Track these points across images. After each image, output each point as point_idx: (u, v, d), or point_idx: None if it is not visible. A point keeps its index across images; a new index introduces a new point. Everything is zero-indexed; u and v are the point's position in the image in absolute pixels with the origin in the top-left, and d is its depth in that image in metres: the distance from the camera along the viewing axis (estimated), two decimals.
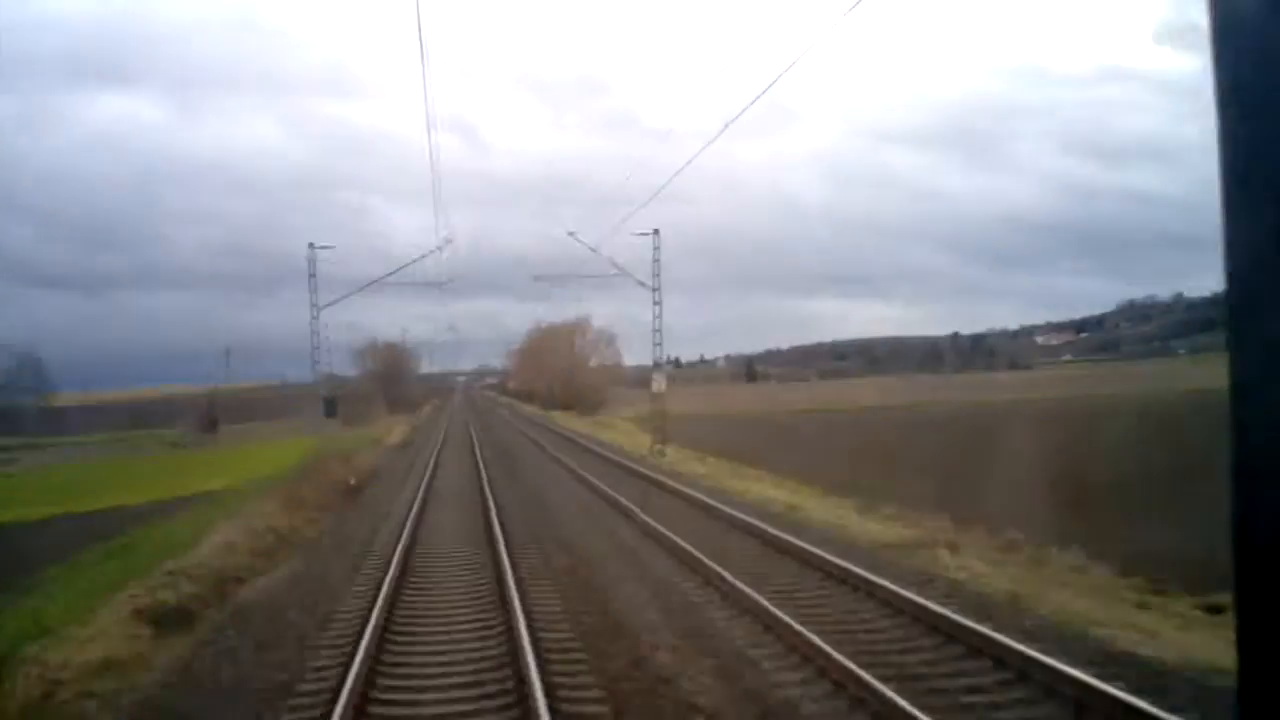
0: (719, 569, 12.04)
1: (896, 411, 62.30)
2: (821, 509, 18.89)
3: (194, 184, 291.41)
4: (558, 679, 8.20)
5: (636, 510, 18.11)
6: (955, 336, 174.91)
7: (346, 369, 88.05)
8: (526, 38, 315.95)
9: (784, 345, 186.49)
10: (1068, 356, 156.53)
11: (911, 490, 19.44)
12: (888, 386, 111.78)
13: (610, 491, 21.35)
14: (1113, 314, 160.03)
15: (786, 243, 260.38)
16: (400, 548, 14.90)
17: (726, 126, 22.27)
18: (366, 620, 10.16)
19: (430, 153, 71.95)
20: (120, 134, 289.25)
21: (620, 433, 46.13)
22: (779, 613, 9.78)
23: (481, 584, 12.82)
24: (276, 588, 13.16)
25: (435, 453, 36.42)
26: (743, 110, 18.97)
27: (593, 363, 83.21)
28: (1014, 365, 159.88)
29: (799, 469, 26.98)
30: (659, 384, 32.52)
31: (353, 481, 24.28)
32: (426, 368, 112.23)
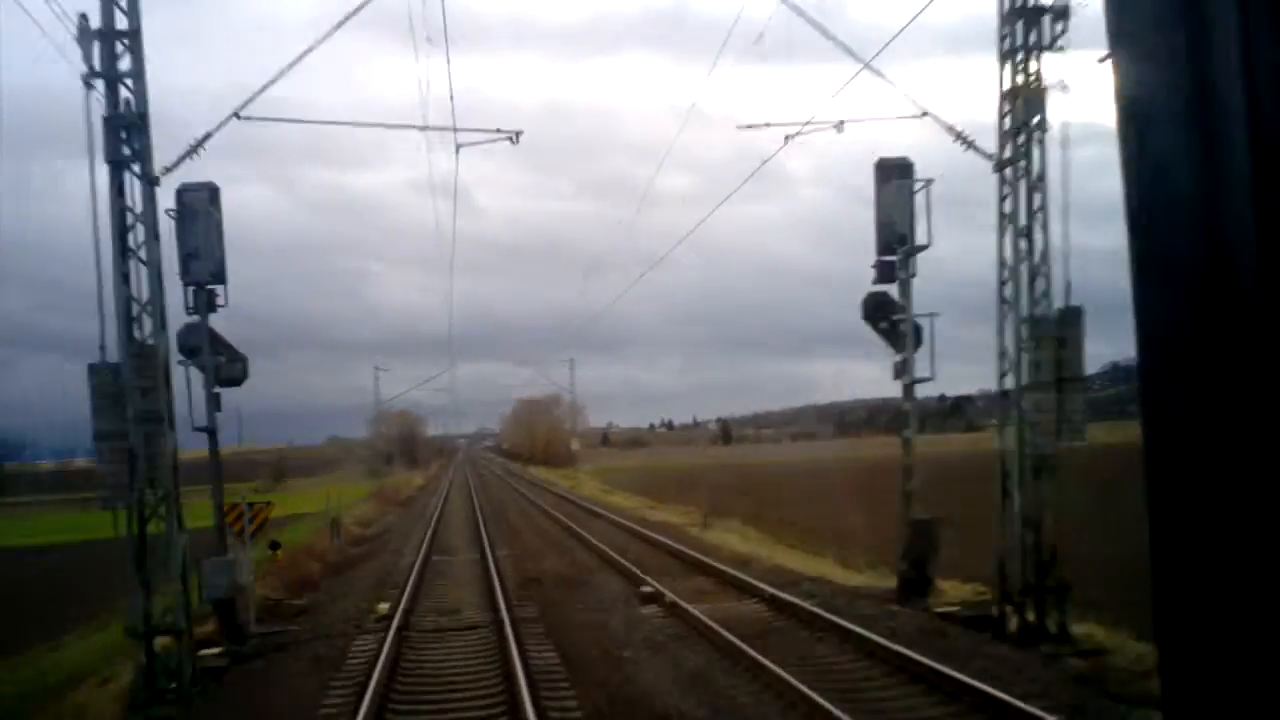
0: (561, 516, 33.68)
1: (777, 466, 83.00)
2: (641, 507, 40.09)
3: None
4: (495, 538, 29.69)
5: (546, 505, 39.90)
6: (941, 398, 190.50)
7: (356, 432, 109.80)
8: (514, 104, 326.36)
9: (783, 406, 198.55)
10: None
11: (708, 502, 40.33)
12: (821, 447, 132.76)
13: (535, 499, 43.20)
14: (1097, 375, 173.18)
15: (779, 305, 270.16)
16: (436, 516, 36.47)
17: (724, 201, 25.11)
18: (428, 529, 31.69)
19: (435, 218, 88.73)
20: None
21: (567, 478, 67.75)
22: (579, 529, 31.45)
23: (470, 525, 34.34)
24: (392, 525, 34.75)
25: (446, 488, 58.23)
26: (739, 186, 21.82)
27: (567, 426, 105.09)
28: (970, 428, 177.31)
29: (653, 493, 48.16)
30: (576, 445, 54.39)
31: (402, 497, 45.99)
32: (432, 430, 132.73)
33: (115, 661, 12.41)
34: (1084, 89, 10.71)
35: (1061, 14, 10.48)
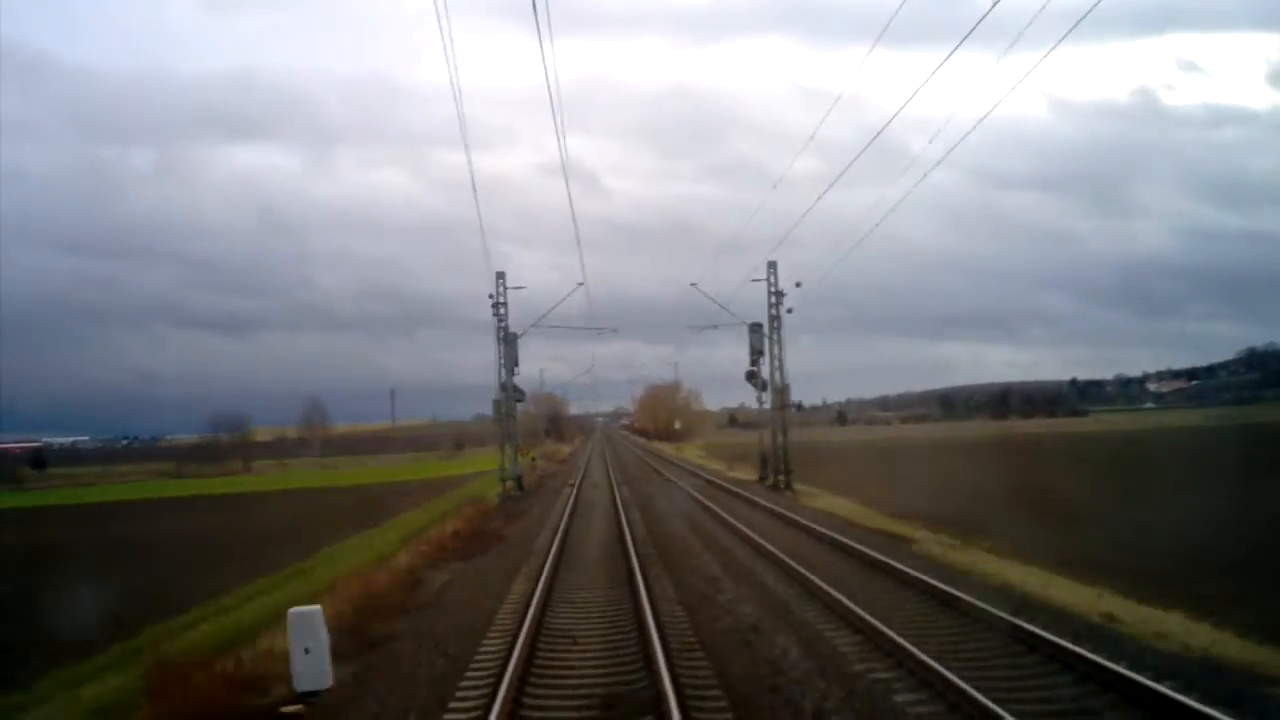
0: (656, 465, 57.57)
1: (853, 444, 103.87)
2: (708, 465, 63.20)
3: (331, 230, 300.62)
4: (615, 471, 53.71)
5: (651, 463, 64.04)
6: (1073, 382, 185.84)
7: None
8: (640, 88, 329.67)
9: (909, 390, 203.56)
10: (1149, 404, 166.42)
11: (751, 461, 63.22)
12: (915, 429, 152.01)
13: (646, 459, 67.44)
14: (1232, 361, 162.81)
15: (911, 287, 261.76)
16: (584, 466, 61.01)
17: (842, 173, 28.14)
18: (580, 473, 55.98)
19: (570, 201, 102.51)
20: (255, 183, 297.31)
21: (676, 449, 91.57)
22: (661, 470, 55.41)
23: (603, 467, 58.56)
24: (557, 472, 59.47)
25: (589, 453, 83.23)
26: (855, 158, 21.01)
27: (689, 408, 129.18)
28: (1074, 412, 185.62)
29: (731, 459, 71.04)
30: (678, 424, 78.03)
31: (566, 452, 71.09)
32: (573, 410, 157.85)
33: (490, 490, 37.14)
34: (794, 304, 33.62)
35: (781, 295, 33.40)
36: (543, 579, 15.18)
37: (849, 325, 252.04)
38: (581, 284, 39.33)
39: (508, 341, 34.50)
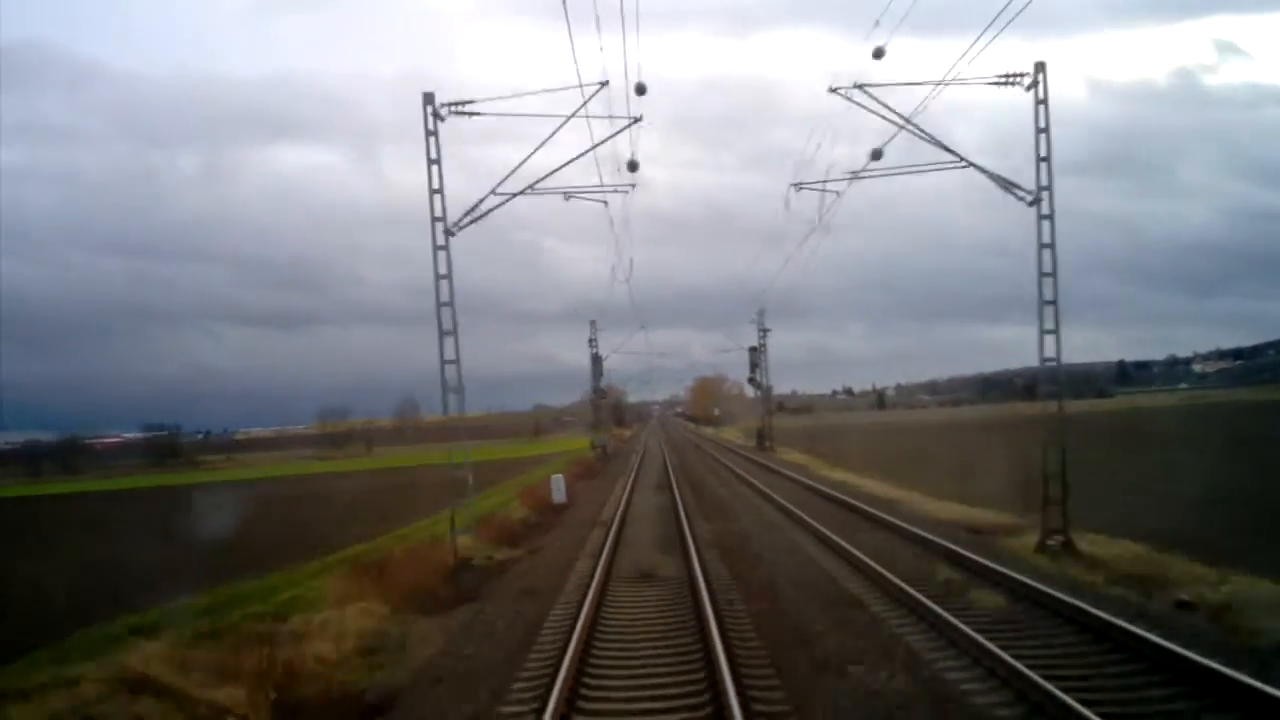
0: (696, 440, 77.29)
1: (881, 425, 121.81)
2: (739, 439, 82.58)
3: (377, 227, 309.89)
4: (667, 447, 73.44)
5: (695, 440, 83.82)
6: (1121, 363, 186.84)
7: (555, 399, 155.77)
8: (676, 80, 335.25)
9: (955, 374, 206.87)
10: (1183, 385, 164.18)
11: (783, 440, 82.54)
12: (950, 412, 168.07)
13: (693, 439, 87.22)
14: (1277, 342, 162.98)
15: (962, 272, 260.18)
16: (645, 441, 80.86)
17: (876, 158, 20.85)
18: (643, 445, 75.84)
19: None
20: (302, 181, 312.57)
21: (721, 431, 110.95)
22: (700, 444, 75.16)
23: (658, 443, 78.34)
24: (622, 449, 79.40)
25: (646, 436, 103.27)
26: (891, 137, 17.17)
27: (732, 391, 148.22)
28: (1101, 394, 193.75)
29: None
30: (716, 411, 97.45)
31: (628, 434, 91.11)
32: (631, 399, 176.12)
33: (585, 456, 57.23)
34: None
35: (767, 330, 52.62)
36: (629, 485, 34.96)
37: (903, 311, 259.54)
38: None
39: (595, 361, 54.28)
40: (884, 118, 16.75)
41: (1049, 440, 16.15)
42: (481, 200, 18.05)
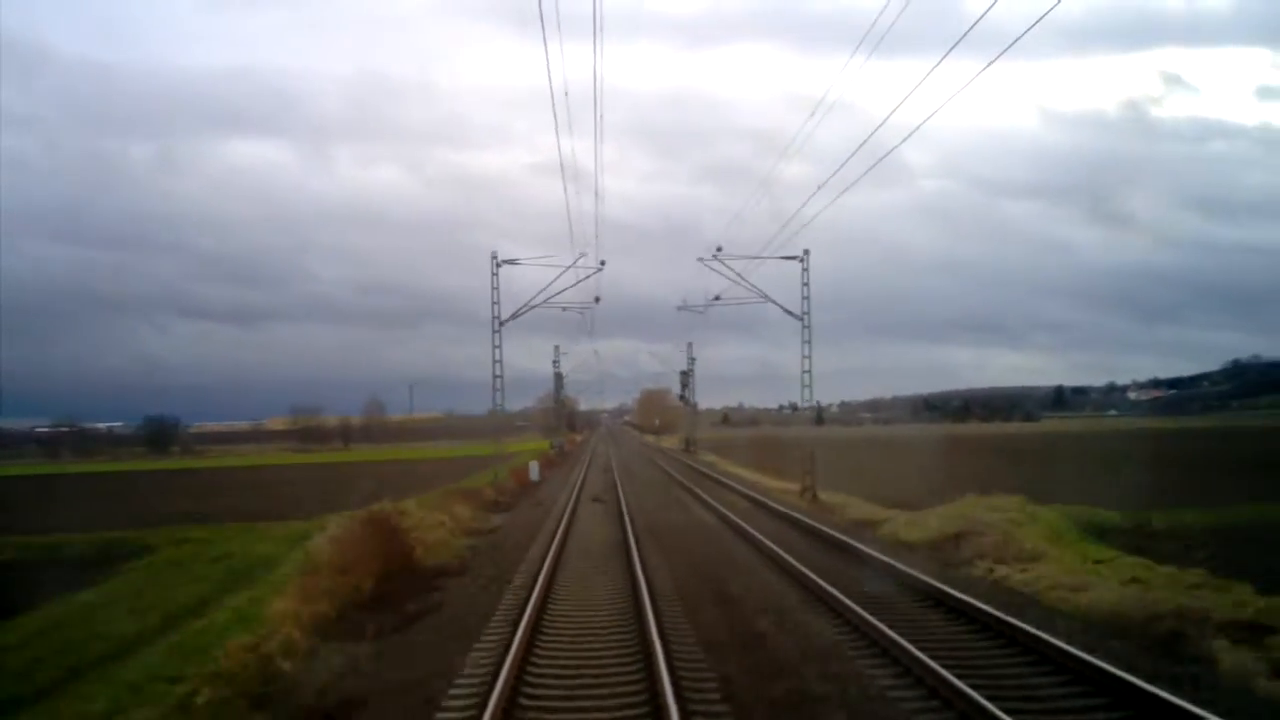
0: (638, 447, 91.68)
1: (808, 440, 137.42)
2: (673, 446, 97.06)
3: (329, 224, 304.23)
4: (613, 448, 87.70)
5: (637, 447, 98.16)
6: (1059, 389, 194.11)
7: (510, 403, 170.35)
8: (634, 91, 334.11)
9: (908, 393, 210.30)
10: (1113, 411, 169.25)
11: (714, 448, 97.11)
12: (876, 430, 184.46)
13: (634, 445, 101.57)
14: (1216, 372, 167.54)
15: (914, 292, 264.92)
16: (592, 447, 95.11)
17: (851, 185, 36.73)
18: (591, 448, 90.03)
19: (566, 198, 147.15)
20: (255, 176, 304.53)
21: (663, 440, 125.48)
22: (642, 448, 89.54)
23: (606, 446, 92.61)
24: (577, 450, 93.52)
25: (595, 441, 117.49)
26: (864, 173, 19.57)
27: (675, 402, 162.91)
28: (1028, 418, 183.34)
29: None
30: (657, 421, 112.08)
31: (579, 439, 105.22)
32: (581, 406, 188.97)
33: (539, 453, 71.34)
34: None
35: (694, 360, 67.23)
36: (584, 472, 49.21)
37: (853, 328, 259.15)
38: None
39: (558, 378, 68.30)
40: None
41: (811, 445, 30.78)
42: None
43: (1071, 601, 12.30)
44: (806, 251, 30.69)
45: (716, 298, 31.98)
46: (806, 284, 30.75)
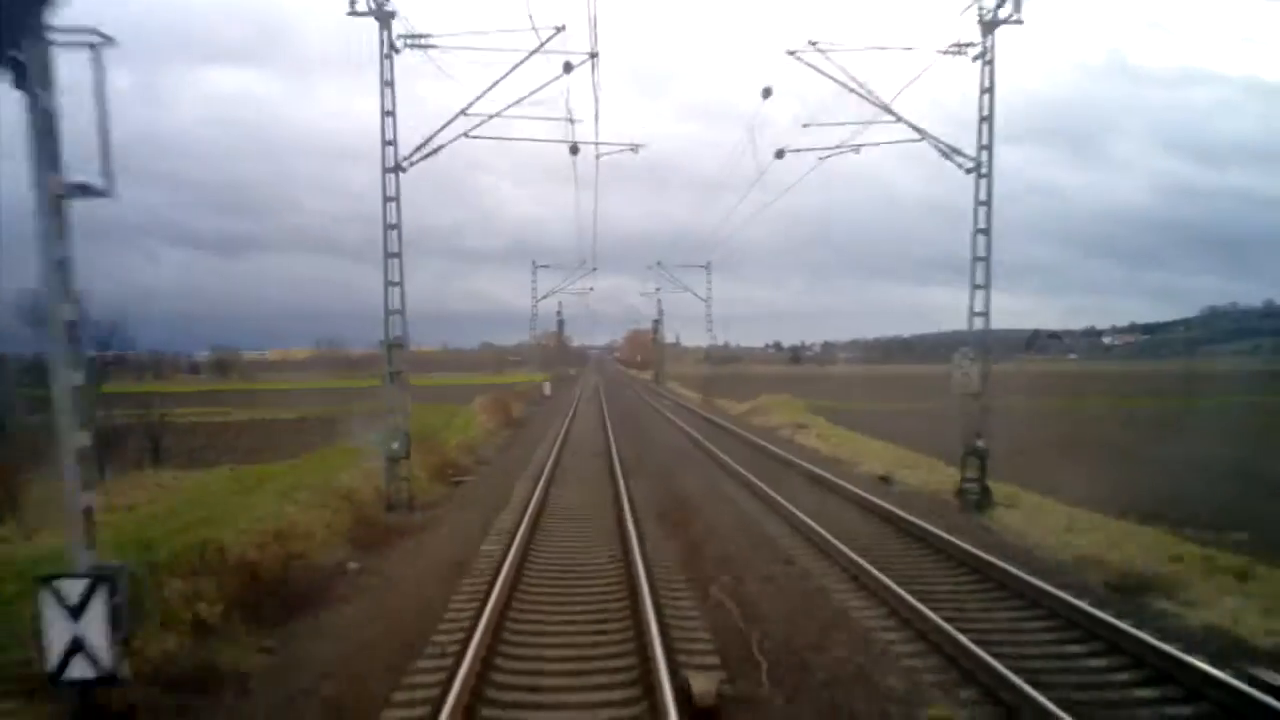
0: (621, 378, 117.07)
1: (778, 376, 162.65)
2: (648, 378, 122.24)
3: (313, 155, 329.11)
4: (601, 378, 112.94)
5: (623, 379, 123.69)
6: (1035, 332, 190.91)
7: (502, 338, 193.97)
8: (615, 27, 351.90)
9: (890, 334, 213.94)
10: (1073, 355, 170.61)
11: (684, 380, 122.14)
12: (847, 369, 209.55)
13: (620, 377, 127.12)
14: (1195, 318, 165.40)
15: (902, 233, 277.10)
16: (585, 379, 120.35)
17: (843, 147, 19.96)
18: (582, 379, 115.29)
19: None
20: (239, 106, 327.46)
21: (639, 372, 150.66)
22: (625, 378, 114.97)
23: (595, 379, 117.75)
24: (574, 379, 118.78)
25: (587, 374, 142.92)
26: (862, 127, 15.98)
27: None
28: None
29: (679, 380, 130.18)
30: (639, 357, 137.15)
31: (572, 373, 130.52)
32: (574, 343, 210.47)
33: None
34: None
35: (658, 320, 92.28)
36: (585, 384, 74.55)
37: (843, 269, 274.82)
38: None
39: (559, 321, 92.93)
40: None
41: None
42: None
43: (754, 423, 37.71)
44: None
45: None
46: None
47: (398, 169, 16.74)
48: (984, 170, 16.44)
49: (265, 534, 11.94)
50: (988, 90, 16.31)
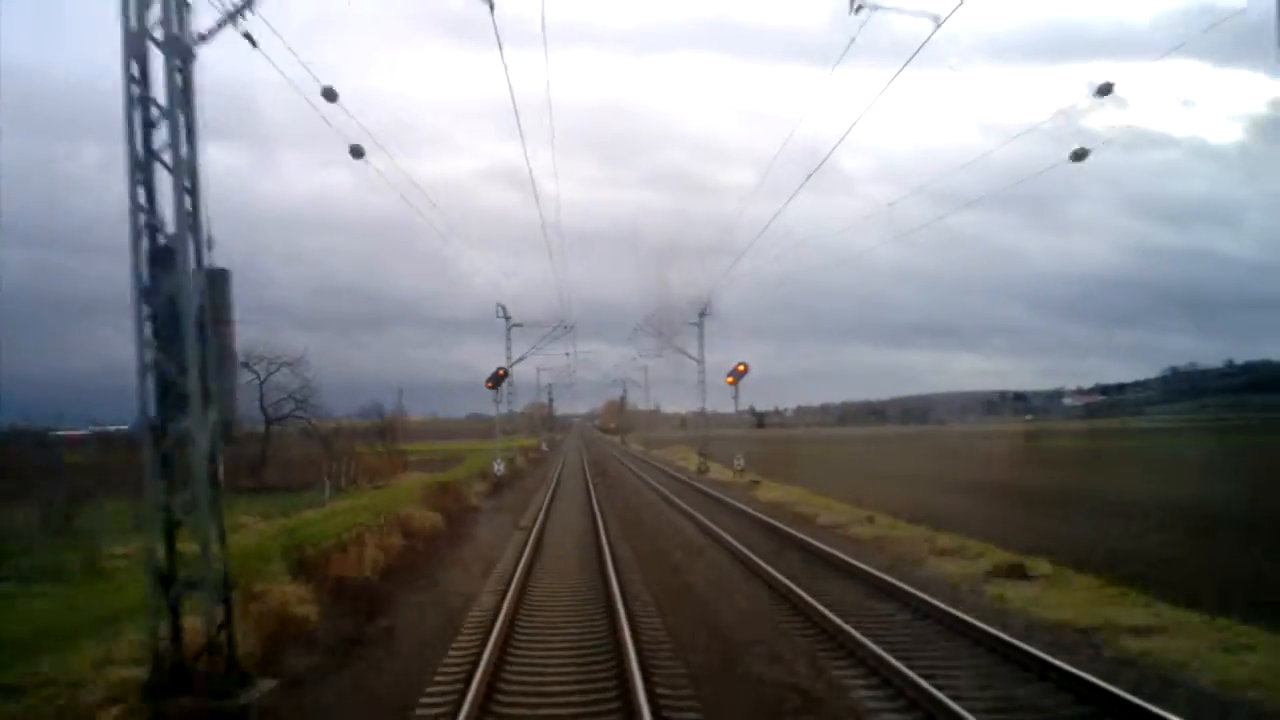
0: (599, 443, 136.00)
1: (737, 439, 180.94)
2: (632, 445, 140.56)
3: (283, 228, 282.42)
4: (582, 442, 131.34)
5: (600, 443, 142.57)
6: (1003, 394, 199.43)
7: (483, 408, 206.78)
8: (575, 100, 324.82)
9: (880, 396, 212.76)
10: (1029, 416, 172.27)
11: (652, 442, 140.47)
12: (807, 432, 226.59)
13: (599, 442, 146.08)
14: (1154, 379, 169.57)
15: (874, 299, 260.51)
16: (570, 440, 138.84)
17: (801, 185, 29.30)
18: (568, 443, 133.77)
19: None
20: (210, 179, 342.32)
21: (620, 438, 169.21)
22: (601, 443, 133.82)
23: (578, 441, 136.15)
24: (560, 444, 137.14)
25: (569, 439, 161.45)
26: (811, 173, 20.25)
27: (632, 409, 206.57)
28: (939, 422, 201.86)
29: (649, 444, 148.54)
30: (612, 424, 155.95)
31: (559, 438, 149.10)
32: (557, 412, 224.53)
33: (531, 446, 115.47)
34: None
35: (624, 392, 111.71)
36: (569, 446, 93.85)
37: (812, 333, 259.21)
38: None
39: (549, 396, 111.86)
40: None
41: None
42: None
43: (654, 455, 57.05)
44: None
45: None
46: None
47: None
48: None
49: None
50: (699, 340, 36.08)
